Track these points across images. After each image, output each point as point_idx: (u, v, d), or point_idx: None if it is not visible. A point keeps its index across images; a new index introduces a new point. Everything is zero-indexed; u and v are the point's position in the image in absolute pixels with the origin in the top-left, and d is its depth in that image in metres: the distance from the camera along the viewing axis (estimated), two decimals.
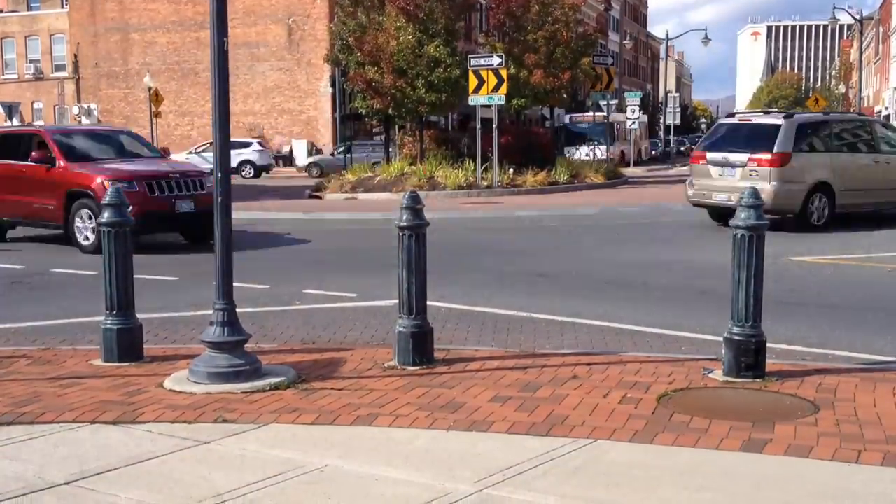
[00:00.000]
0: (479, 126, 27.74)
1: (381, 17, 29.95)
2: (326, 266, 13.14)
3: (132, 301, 7.10)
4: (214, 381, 6.17)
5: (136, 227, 7.95)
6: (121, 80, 58.04)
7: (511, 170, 28.66)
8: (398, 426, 5.32)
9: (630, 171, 40.83)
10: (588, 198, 26.10)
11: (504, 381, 6.23)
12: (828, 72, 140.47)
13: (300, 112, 54.61)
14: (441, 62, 28.66)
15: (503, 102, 27.81)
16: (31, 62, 62.87)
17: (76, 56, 60.01)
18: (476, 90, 26.88)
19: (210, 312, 6.40)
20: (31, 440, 5.16)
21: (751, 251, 6.18)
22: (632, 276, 11.63)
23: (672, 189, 30.86)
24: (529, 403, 5.70)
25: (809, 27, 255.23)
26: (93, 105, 58.63)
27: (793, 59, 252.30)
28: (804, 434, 5.06)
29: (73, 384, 6.33)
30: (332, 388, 6.12)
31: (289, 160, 53.68)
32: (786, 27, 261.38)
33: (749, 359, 6.21)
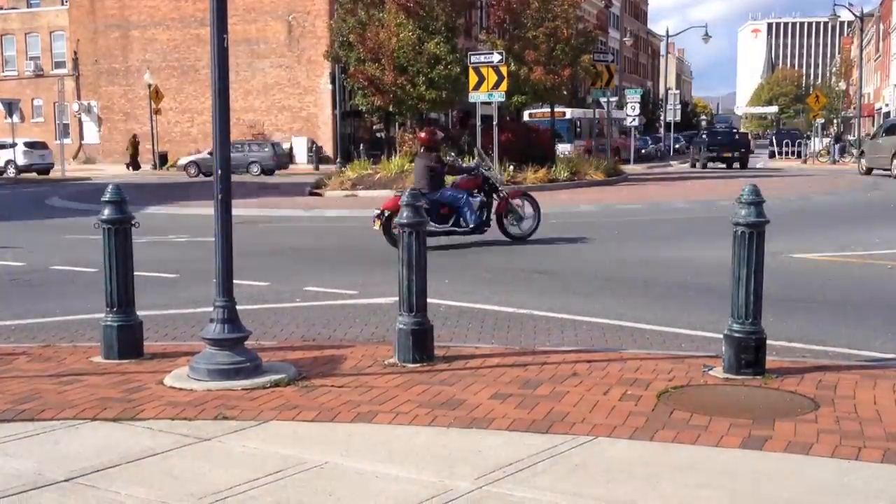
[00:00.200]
0: (480, 123, 27.72)
1: (381, 14, 29.95)
2: (326, 263, 13.14)
3: (132, 298, 7.11)
4: (215, 378, 6.17)
5: None
6: (121, 77, 58.02)
7: (511, 167, 28.63)
8: (398, 423, 5.33)
9: (630, 169, 40.81)
10: (588, 195, 26.09)
11: (504, 379, 6.23)
12: (828, 69, 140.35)
13: (300, 109, 54.58)
14: (441, 59, 28.65)
15: (503, 100, 27.78)
16: (31, 59, 62.85)
17: (76, 53, 59.99)
18: (476, 87, 26.84)
19: (210, 309, 6.41)
20: (31, 437, 5.16)
21: (751, 248, 6.18)
22: (632, 274, 11.63)
23: (672, 186, 30.86)
24: (529, 401, 5.70)
25: (810, 24, 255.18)
26: (93, 102, 58.68)
27: (793, 56, 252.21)
28: (804, 431, 5.06)
29: (74, 381, 6.33)
30: (333, 386, 6.12)
31: (289, 157, 53.67)
32: (786, 24, 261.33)
33: (749, 356, 6.21)
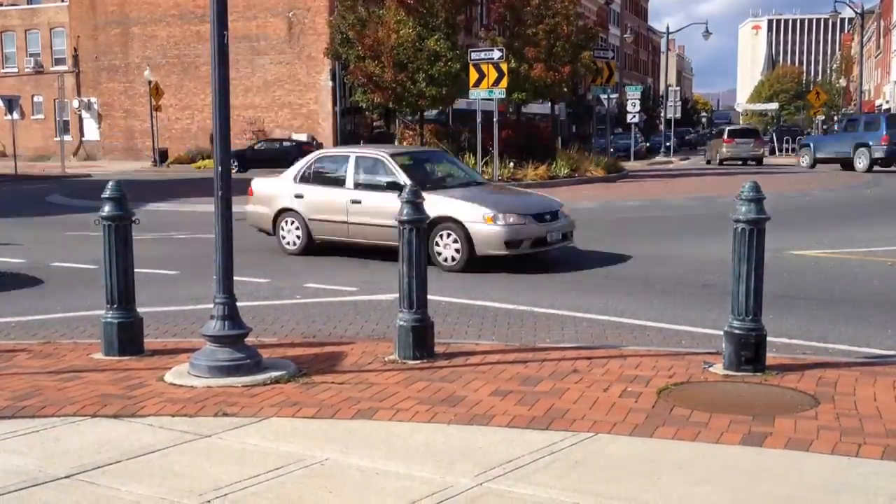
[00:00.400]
0: (480, 120, 27.71)
1: (381, 11, 29.91)
2: (327, 260, 13.13)
3: (133, 295, 7.11)
4: (215, 375, 6.18)
5: None
6: (121, 74, 57.94)
7: (511, 164, 28.64)
8: (399, 420, 5.33)
9: (630, 166, 40.79)
10: (588, 192, 26.07)
11: (504, 375, 6.24)
12: (829, 66, 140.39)
13: (300, 106, 54.51)
14: (441, 56, 28.61)
15: (503, 96, 27.76)
16: (31, 56, 62.76)
17: (76, 50, 59.91)
18: (476, 84, 26.82)
19: (210, 306, 6.41)
20: (32, 434, 5.16)
21: (751, 245, 6.18)
22: (632, 270, 11.63)
23: (672, 183, 30.83)
24: (530, 397, 5.70)
25: (810, 21, 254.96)
26: (93, 99, 58.61)
27: (794, 53, 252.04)
28: (804, 428, 5.06)
29: (74, 378, 6.34)
30: (333, 382, 6.12)
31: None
32: (787, 21, 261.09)
33: (749, 353, 6.21)
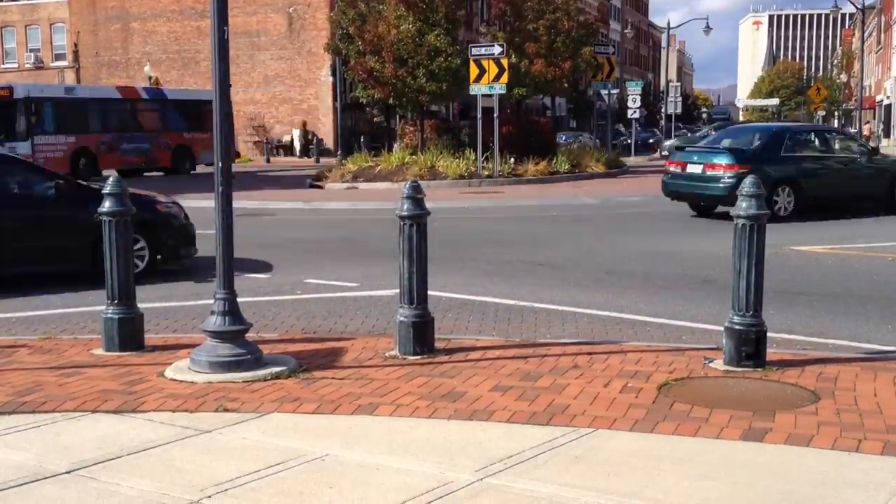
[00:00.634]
0: (480, 115, 27.70)
1: (381, 7, 29.89)
2: (327, 256, 13.14)
3: (133, 290, 7.11)
4: (216, 371, 6.18)
5: None
6: (121, 70, 57.91)
7: (512, 159, 28.63)
8: (399, 415, 5.33)
9: (631, 161, 40.78)
10: (589, 187, 26.07)
11: (505, 371, 6.24)
12: (829, 61, 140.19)
13: (301, 101, 54.50)
14: (442, 51, 28.60)
15: (504, 92, 27.76)
16: (32, 51, 62.73)
17: (76, 45, 59.89)
18: (477, 79, 26.83)
19: (211, 302, 6.41)
20: (33, 429, 5.17)
21: (752, 240, 6.18)
22: (633, 266, 11.63)
23: None
24: (530, 393, 5.71)
25: (811, 16, 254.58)
26: None
27: (794, 49, 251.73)
28: (804, 423, 5.06)
29: (75, 373, 6.34)
30: (333, 378, 6.12)
31: (290, 149, 53.69)
32: (787, 16, 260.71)
33: (750, 348, 6.21)
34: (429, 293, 6.90)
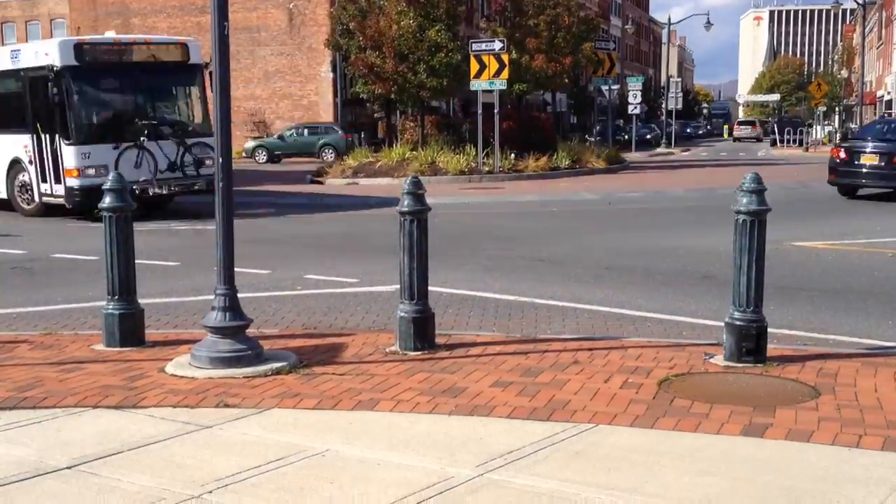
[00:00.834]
0: (481, 111, 27.68)
1: (382, 2, 29.86)
2: (327, 251, 13.14)
3: (134, 286, 7.11)
4: (216, 366, 6.18)
5: None
6: None
7: (512, 155, 28.62)
8: (399, 411, 5.33)
9: (631, 157, 40.76)
10: (589, 183, 26.06)
11: (505, 367, 6.24)
12: (830, 57, 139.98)
13: (301, 97, 54.44)
14: (442, 47, 28.57)
15: (504, 87, 27.74)
16: None
17: None
18: (477, 75, 26.80)
19: (211, 297, 6.41)
20: (34, 425, 5.17)
21: (752, 236, 6.18)
22: (633, 262, 11.63)
23: (673, 175, 30.83)
24: (531, 388, 5.71)
25: (812, 12, 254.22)
26: None
27: (795, 44, 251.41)
28: (805, 419, 5.06)
29: (75, 369, 6.34)
30: (334, 374, 6.12)
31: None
32: (788, 11, 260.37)
33: (750, 344, 6.21)
34: (429, 289, 6.90)
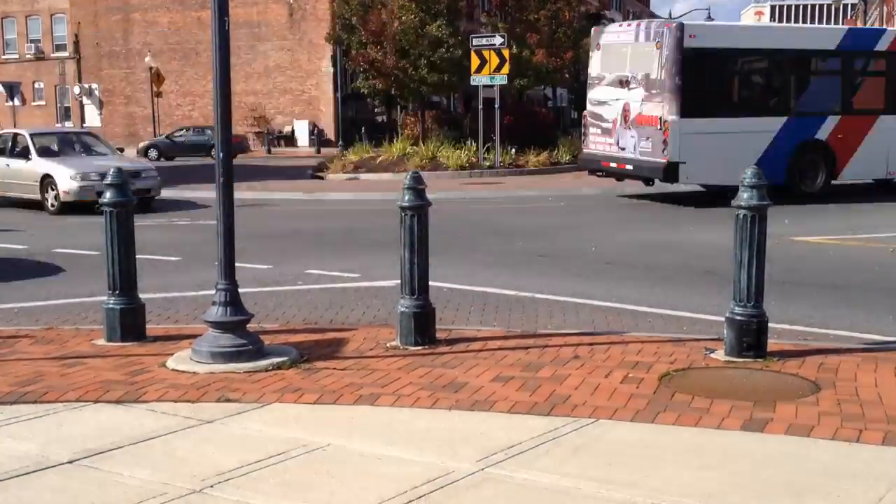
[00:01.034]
0: (482, 106, 27.64)
1: None
2: (328, 246, 13.14)
3: (135, 281, 7.11)
4: (217, 361, 6.18)
5: None
6: (122, 60, 57.78)
7: (513, 150, 28.57)
8: (400, 406, 5.34)
9: None
10: (590, 178, 25.96)
11: (506, 361, 6.24)
12: None
13: (301, 92, 54.39)
14: (443, 42, 28.54)
15: (505, 82, 27.69)
16: (32, 42, 62.62)
17: (77, 36, 59.74)
18: (478, 70, 26.76)
19: (212, 292, 6.41)
20: (35, 419, 5.18)
21: (753, 231, 6.17)
22: (633, 257, 11.63)
23: None
24: (531, 383, 5.71)
25: (813, 6, 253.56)
26: (94, 85, 58.51)
27: None
28: (805, 413, 5.07)
29: (77, 364, 6.35)
30: (335, 368, 6.13)
31: (291, 140, 53.60)
32: (789, 7, 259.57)
33: (751, 339, 6.21)
34: (430, 284, 6.91)
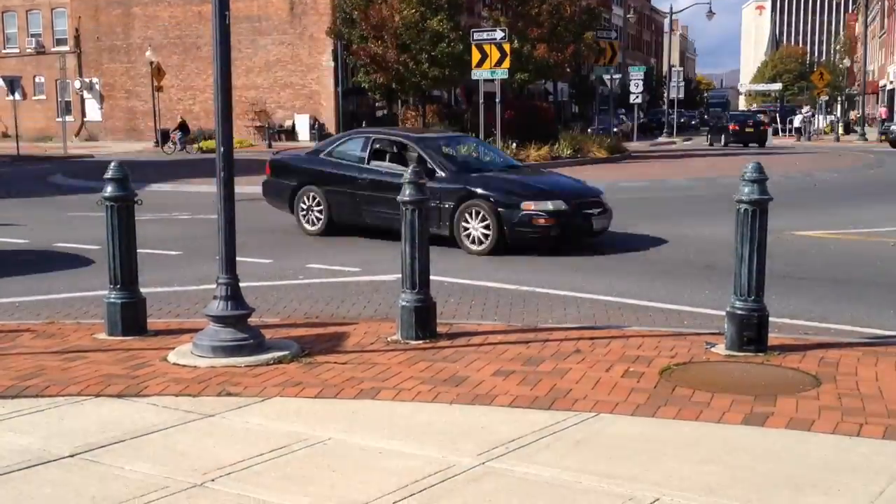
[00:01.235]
0: (482, 100, 27.61)
1: None
2: (329, 240, 13.13)
3: (136, 275, 7.11)
4: (218, 355, 6.19)
5: None
6: (122, 55, 57.75)
7: (514, 144, 28.55)
8: (401, 400, 5.35)
9: (633, 146, 40.69)
10: (591, 173, 25.94)
11: (507, 356, 6.25)
12: (833, 46, 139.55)
13: (302, 86, 54.36)
14: (444, 37, 28.51)
15: (506, 77, 27.66)
16: (33, 36, 62.53)
17: (78, 30, 59.69)
18: (479, 64, 26.71)
19: (213, 287, 6.42)
20: (36, 413, 5.18)
21: (754, 225, 6.18)
22: (635, 251, 11.63)
23: (675, 164, 30.79)
24: (532, 377, 5.72)
25: (814, 0, 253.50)
26: (95, 79, 58.50)
27: (798, 34, 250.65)
28: (806, 407, 5.07)
29: (78, 358, 6.35)
30: (336, 362, 6.13)
31: (291, 135, 53.58)
32: (791, 0, 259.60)
33: (751, 333, 6.22)
34: (431, 278, 6.91)
